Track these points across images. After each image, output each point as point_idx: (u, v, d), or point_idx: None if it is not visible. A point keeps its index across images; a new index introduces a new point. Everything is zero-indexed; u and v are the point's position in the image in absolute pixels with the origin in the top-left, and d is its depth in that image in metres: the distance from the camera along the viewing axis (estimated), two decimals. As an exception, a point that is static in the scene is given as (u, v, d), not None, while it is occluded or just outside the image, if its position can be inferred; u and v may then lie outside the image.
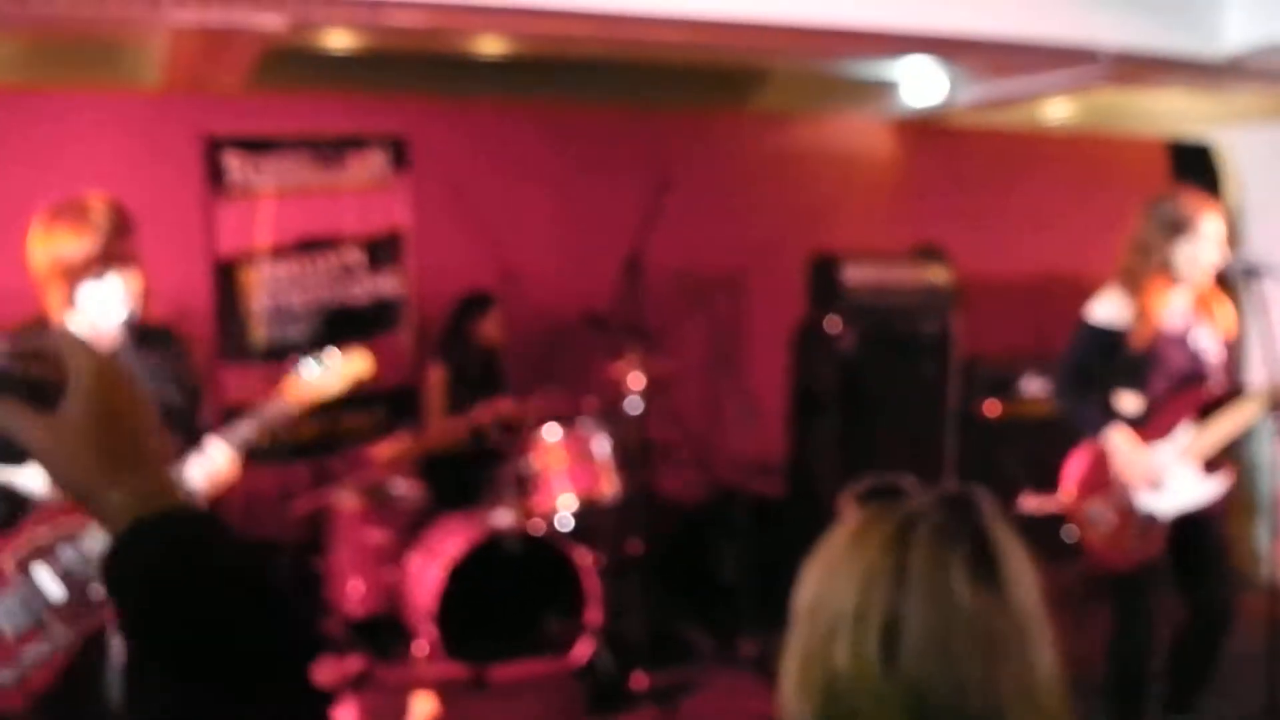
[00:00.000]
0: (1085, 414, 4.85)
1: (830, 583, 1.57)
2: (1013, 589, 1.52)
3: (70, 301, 3.68)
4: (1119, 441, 4.72)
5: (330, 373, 4.09)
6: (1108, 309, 4.82)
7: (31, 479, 3.53)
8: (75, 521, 3.54)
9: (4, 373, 1.28)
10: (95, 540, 3.50)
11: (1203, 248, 4.71)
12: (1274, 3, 5.90)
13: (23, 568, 3.53)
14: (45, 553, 3.55)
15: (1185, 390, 4.75)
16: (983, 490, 1.61)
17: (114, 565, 1.31)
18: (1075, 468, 4.91)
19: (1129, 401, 4.79)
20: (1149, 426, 4.74)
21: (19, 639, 3.49)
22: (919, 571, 1.51)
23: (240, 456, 3.86)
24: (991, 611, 1.50)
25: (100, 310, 3.69)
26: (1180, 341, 4.76)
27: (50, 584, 3.55)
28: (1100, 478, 4.80)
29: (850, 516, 1.63)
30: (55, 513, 3.57)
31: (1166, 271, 4.73)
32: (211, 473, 3.80)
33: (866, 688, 1.50)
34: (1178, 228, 4.71)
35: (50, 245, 3.67)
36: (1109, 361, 4.81)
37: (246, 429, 3.90)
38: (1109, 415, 4.79)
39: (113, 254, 3.66)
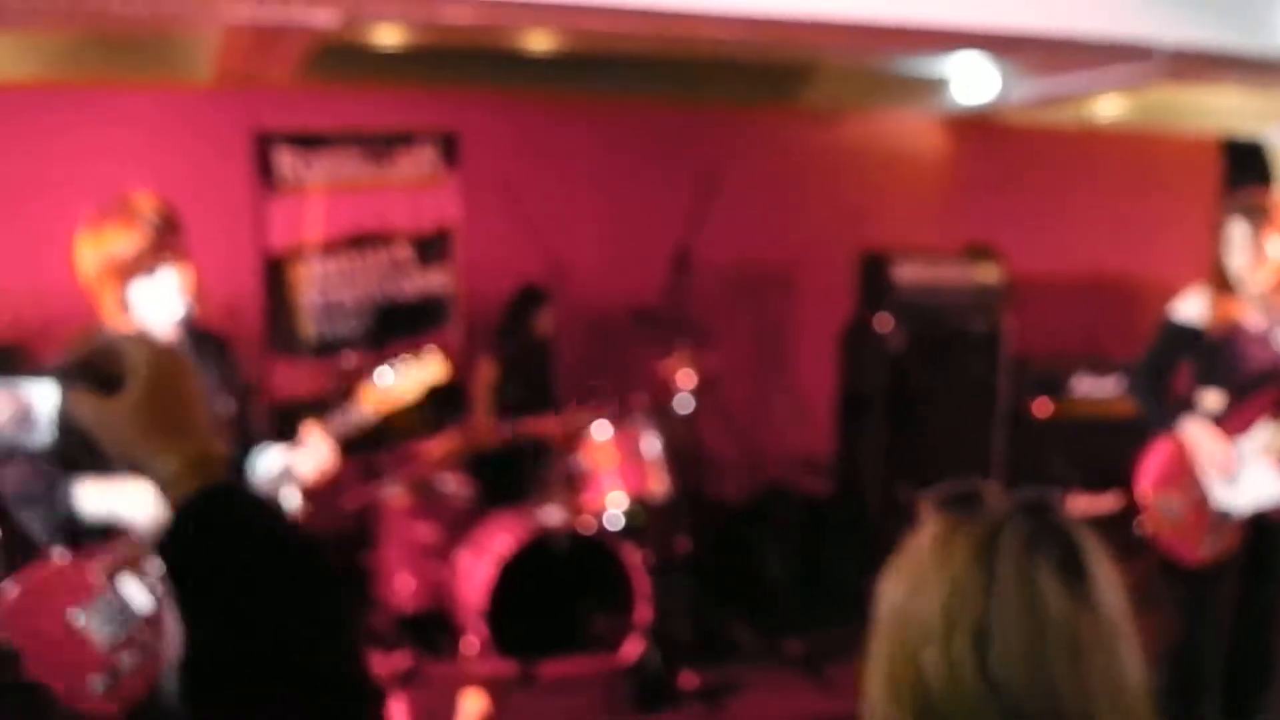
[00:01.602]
0: (1161, 408, 4.83)
1: (917, 591, 1.56)
2: (1100, 594, 1.52)
3: (123, 303, 3.67)
4: (1196, 431, 4.70)
5: (406, 377, 4.08)
6: (1189, 308, 4.83)
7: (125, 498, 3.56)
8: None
9: (72, 368, 1.44)
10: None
11: (1235, 251, 4.71)
12: (1332, -1, 5.84)
13: (111, 578, 3.57)
14: (132, 564, 3.57)
15: (1264, 388, 4.72)
16: (1057, 496, 1.60)
17: (170, 538, 1.39)
18: (1151, 461, 4.87)
19: (1211, 399, 4.76)
20: (1227, 423, 4.71)
21: (112, 648, 3.52)
22: (1008, 579, 1.50)
23: (340, 449, 3.87)
24: (1080, 617, 1.50)
25: (154, 308, 3.68)
26: (1261, 339, 4.74)
27: (138, 594, 3.58)
28: (1176, 471, 4.77)
29: (931, 523, 1.61)
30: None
31: (1246, 268, 4.73)
32: (319, 465, 3.83)
33: (960, 696, 1.49)
34: (1254, 219, 4.71)
35: (99, 245, 3.65)
36: (1189, 359, 4.82)
37: (342, 423, 3.92)
38: (1187, 409, 4.77)
39: (163, 249, 3.65)
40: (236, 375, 3.97)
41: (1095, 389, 7.64)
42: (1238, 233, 4.73)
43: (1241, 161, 8.50)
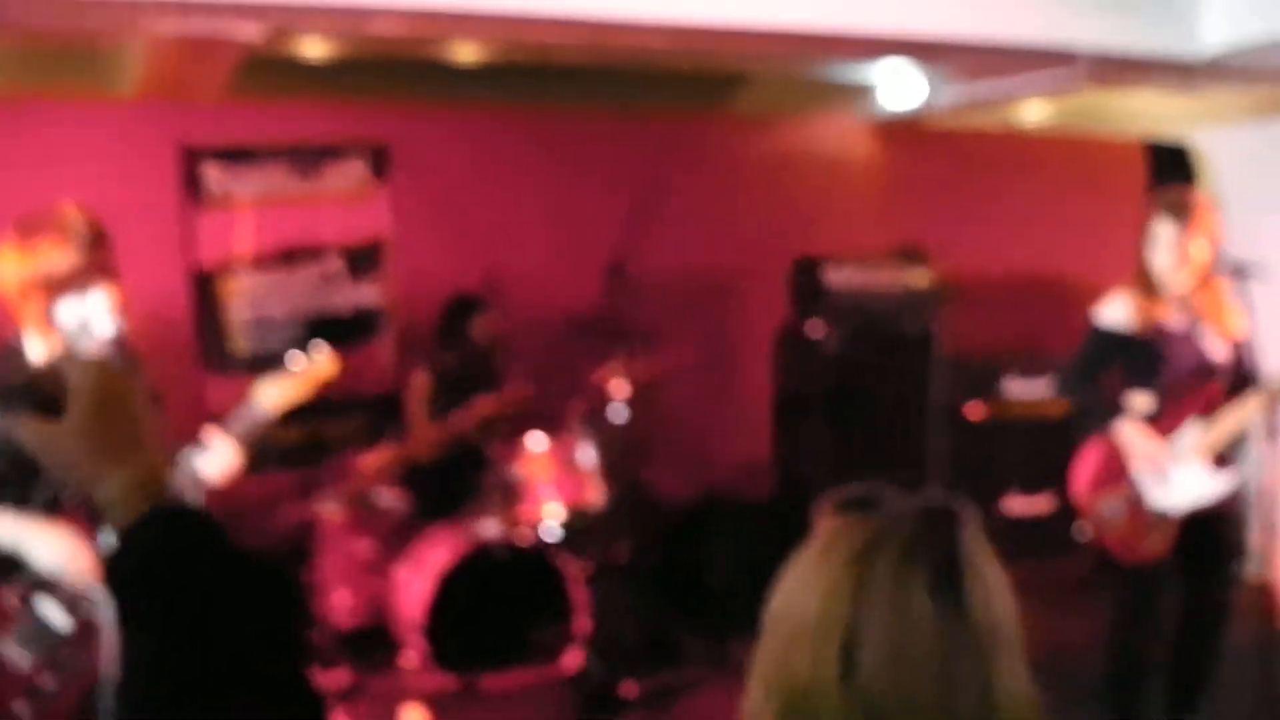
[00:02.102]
0: (1092, 410, 4.89)
1: (796, 593, 1.57)
2: (978, 604, 1.51)
3: (48, 319, 3.58)
4: (1128, 431, 4.75)
5: (299, 374, 4.08)
6: (1115, 311, 4.88)
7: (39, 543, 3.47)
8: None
9: (12, 390, 1.44)
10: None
11: (1160, 250, 4.77)
12: (1251, 3, 5.92)
13: (26, 601, 3.50)
14: (46, 585, 3.49)
15: (1191, 387, 4.78)
16: (962, 500, 1.60)
17: (118, 560, 1.39)
18: (1085, 463, 4.93)
19: (1140, 400, 4.82)
20: (1158, 423, 4.77)
21: (33, 671, 3.45)
22: (880, 585, 1.50)
23: (244, 451, 3.83)
24: (953, 627, 1.49)
25: (82, 326, 3.59)
26: (1185, 338, 4.80)
27: (56, 615, 3.50)
28: (1111, 472, 4.83)
29: (823, 527, 1.61)
30: None
31: (1168, 268, 4.78)
32: (222, 467, 3.77)
33: (824, 700, 1.49)
34: (1178, 216, 4.77)
35: (28, 260, 3.55)
36: (1117, 362, 4.87)
37: (242, 425, 3.87)
38: (1118, 411, 4.82)
39: (94, 267, 3.57)
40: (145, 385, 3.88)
41: (1028, 390, 7.71)
42: (1163, 232, 4.78)
43: (1166, 163, 8.61)
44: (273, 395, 4.00)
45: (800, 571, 1.59)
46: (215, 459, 3.78)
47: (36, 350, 3.61)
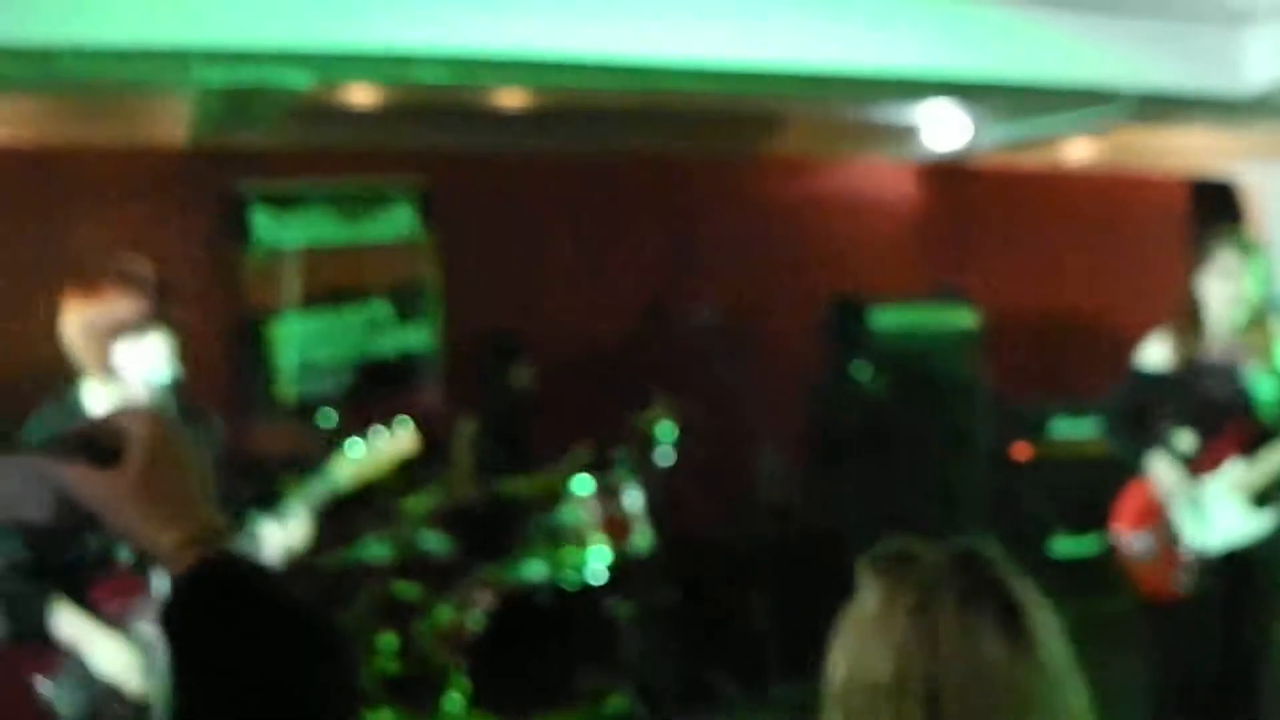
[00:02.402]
0: (1135, 452, 4.85)
1: (862, 657, 1.57)
2: (1040, 644, 1.53)
3: (107, 365, 3.57)
4: (1159, 467, 4.72)
5: (379, 450, 4.05)
6: (1156, 353, 4.86)
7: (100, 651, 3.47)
8: (126, 604, 3.53)
9: (71, 440, 1.44)
10: (146, 624, 3.46)
11: (1218, 279, 4.72)
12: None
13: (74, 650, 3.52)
14: None
15: (1231, 426, 4.73)
16: (991, 542, 1.61)
17: (172, 609, 1.40)
18: (1127, 501, 4.90)
19: (1183, 440, 4.78)
20: (1199, 462, 4.73)
21: (84, 716, 3.46)
22: (950, 638, 1.51)
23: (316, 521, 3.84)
24: (1023, 669, 1.51)
25: (140, 371, 3.59)
26: (1224, 376, 4.75)
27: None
28: (1150, 510, 4.79)
29: (869, 586, 1.62)
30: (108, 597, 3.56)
31: (1207, 305, 4.74)
32: (295, 539, 3.78)
33: None
34: (1199, 261, 4.74)
35: (90, 305, 3.55)
36: (1159, 403, 4.83)
37: (314, 495, 3.86)
38: (1159, 450, 4.79)
39: (154, 313, 3.57)
40: (218, 446, 3.90)
41: (1073, 430, 7.66)
42: (1232, 263, 4.73)
43: (1210, 200, 8.57)
44: (350, 469, 3.98)
45: (860, 635, 1.59)
46: (289, 531, 3.78)
47: (95, 399, 3.62)
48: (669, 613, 6.33)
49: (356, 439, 4.05)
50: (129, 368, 3.58)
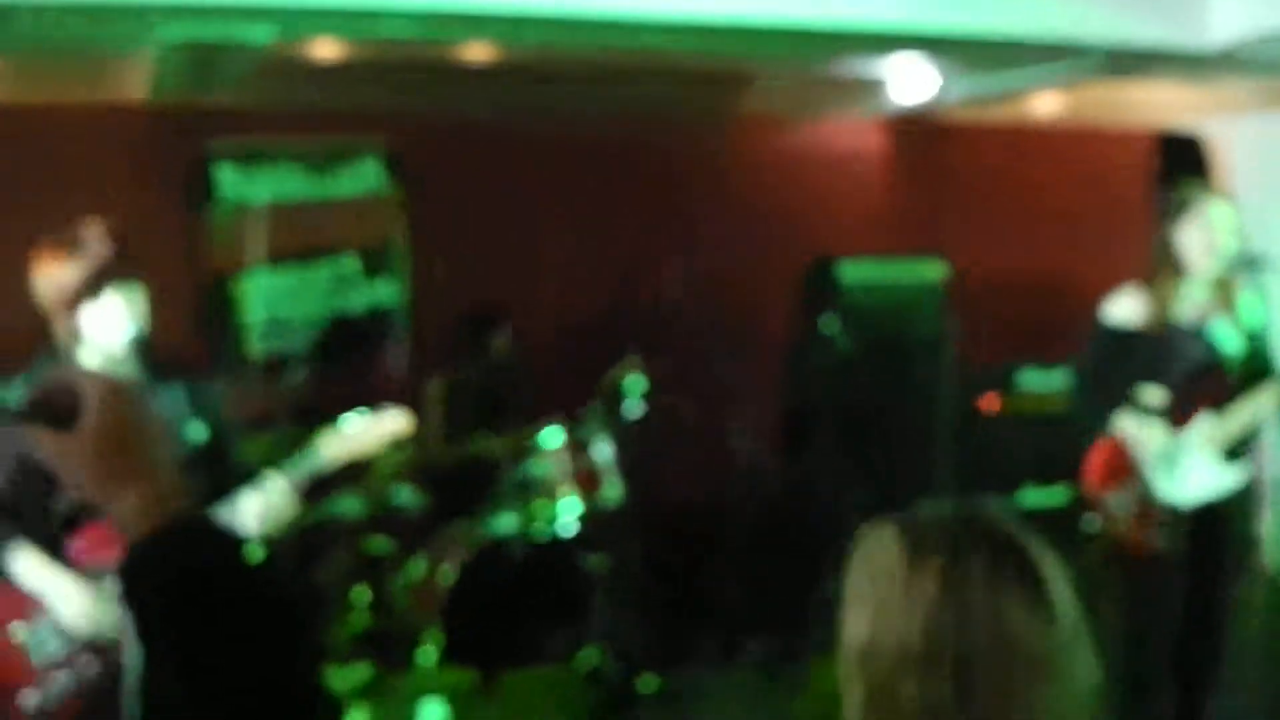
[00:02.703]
0: (1103, 411, 4.85)
1: (887, 622, 1.57)
2: (1059, 607, 1.55)
3: (75, 330, 3.67)
4: (1134, 425, 4.73)
5: (368, 431, 4.06)
6: (1124, 308, 4.84)
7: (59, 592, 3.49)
8: (105, 556, 3.55)
9: (31, 405, 1.46)
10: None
11: (1200, 232, 4.72)
12: (1261, -7, 5.92)
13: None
14: None
15: (1201, 381, 4.75)
16: (993, 500, 1.63)
17: (129, 570, 1.40)
18: (1096, 458, 4.90)
19: (1151, 395, 4.78)
20: (1169, 418, 4.74)
21: (48, 667, 3.51)
22: (978, 603, 1.52)
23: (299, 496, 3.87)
24: (1044, 634, 1.52)
25: (103, 332, 3.66)
26: (1195, 333, 4.76)
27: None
28: (1120, 468, 4.80)
29: (887, 547, 1.62)
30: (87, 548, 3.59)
31: (1179, 263, 4.73)
32: (277, 515, 3.80)
33: None
34: (1176, 212, 4.73)
35: (47, 275, 3.68)
36: (1127, 359, 4.82)
37: (298, 474, 3.88)
38: (1128, 406, 4.79)
39: (107, 272, 3.65)
40: (207, 402, 3.94)
41: (1041, 383, 7.69)
42: (1210, 214, 4.73)
43: (1178, 155, 8.58)
44: (335, 448, 3.99)
45: (883, 601, 1.59)
46: (271, 507, 3.79)
47: (87, 357, 3.69)
48: (641, 567, 6.36)
49: (347, 416, 4.05)
50: (94, 328, 3.65)
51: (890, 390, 7.25)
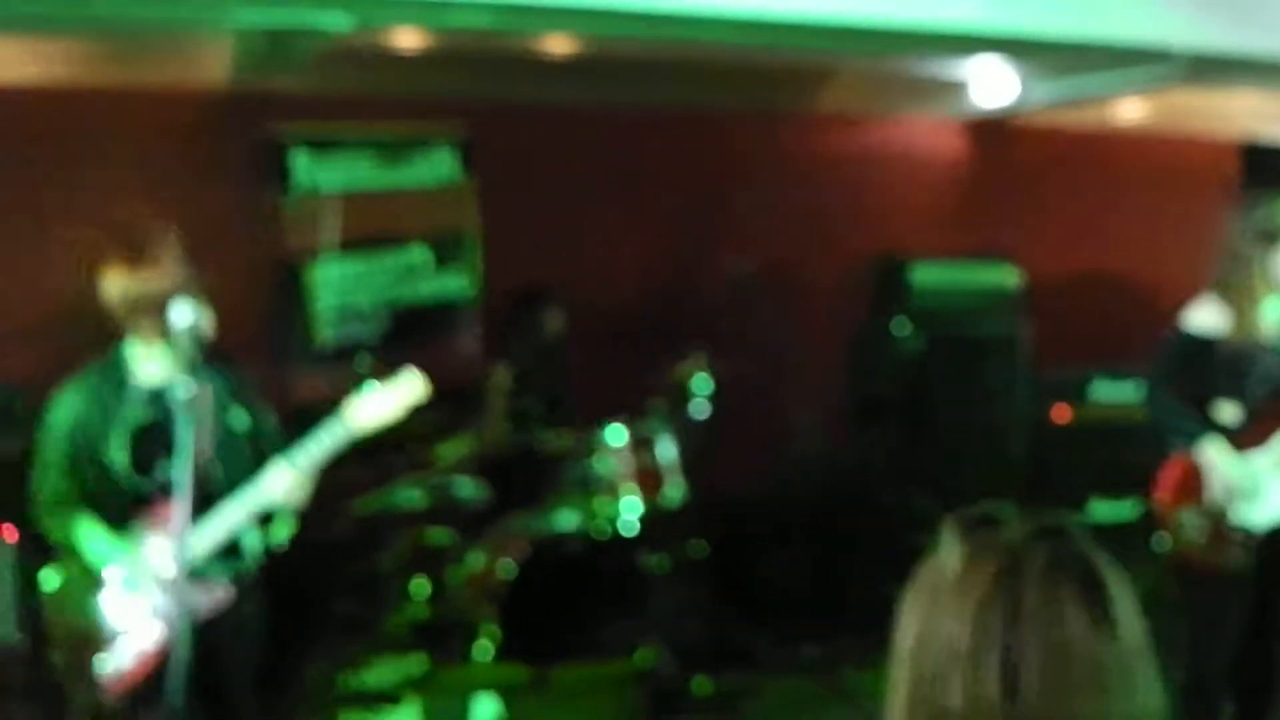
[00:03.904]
0: (1179, 424, 4.76)
1: (938, 618, 1.54)
2: (1121, 622, 1.51)
3: (143, 331, 3.90)
4: (1212, 453, 4.63)
5: (386, 398, 4.11)
6: (1203, 318, 4.74)
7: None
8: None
9: None
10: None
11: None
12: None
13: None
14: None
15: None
16: (1074, 519, 1.59)
17: None
18: (1169, 475, 4.81)
19: (1227, 411, 4.69)
20: (1245, 435, 4.65)
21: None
22: (1033, 608, 1.49)
23: (308, 478, 3.98)
24: (1103, 645, 1.49)
25: (171, 339, 3.79)
26: (1275, 348, 4.66)
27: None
28: (1194, 486, 4.71)
29: (951, 549, 1.59)
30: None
31: (1263, 279, 4.63)
32: (287, 494, 3.94)
33: None
34: (1271, 236, 4.62)
35: (127, 278, 3.87)
36: (1204, 371, 4.73)
37: (312, 452, 3.98)
38: (1204, 425, 4.70)
39: (180, 287, 3.81)
40: (245, 390, 4.13)
41: (1114, 394, 7.59)
42: (1250, 245, 4.64)
43: (1261, 164, 8.46)
44: (360, 415, 4.05)
45: (936, 597, 1.57)
46: (301, 477, 3.94)
47: (134, 361, 3.98)
48: (701, 567, 6.33)
49: (368, 385, 4.15)
50: (162, 333, 3.83)
51: (957, 394, 7.18)
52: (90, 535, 3.87)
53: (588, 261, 7.30)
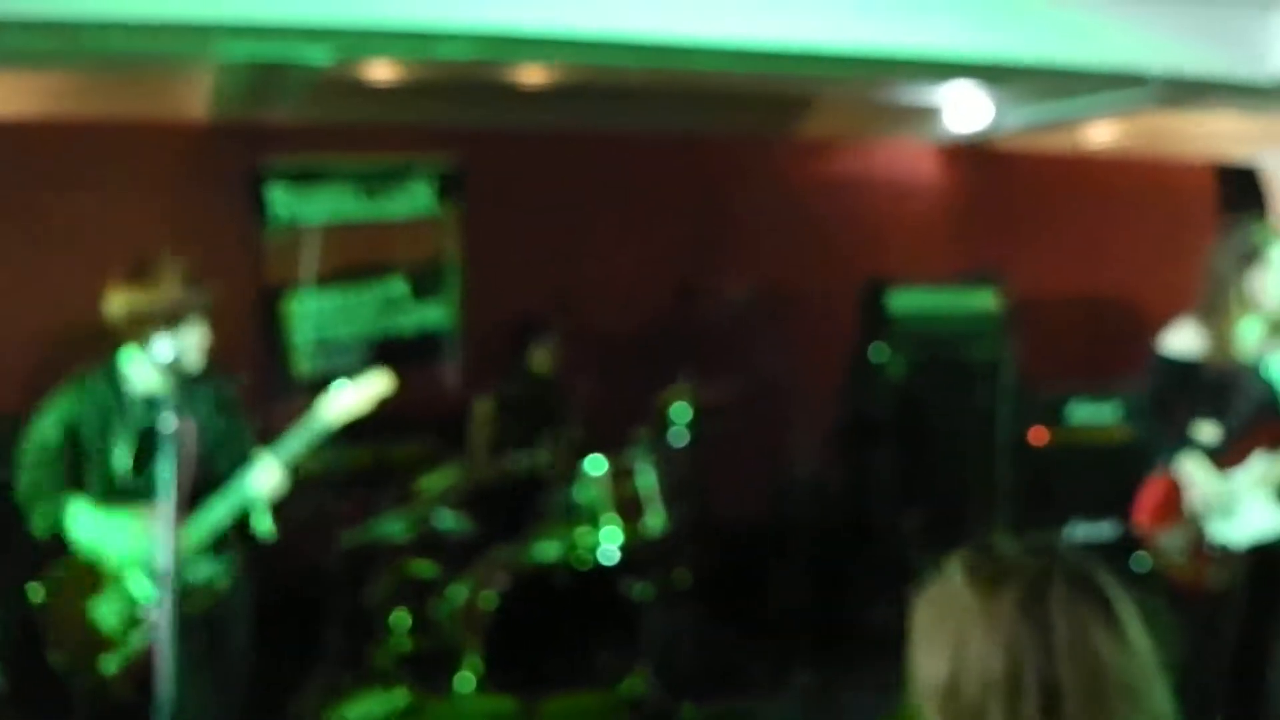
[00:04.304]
0: (1160, 443, 4.80)
1: (967, 654, 1.55)
2: (1134, 635, 1.54)
3: (146, 346, 3.99)
4: (1191, 468, 4.67)
5: (354, 393, 4.31)
6: (1182, 340, 4.79)
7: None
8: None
9: None
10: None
11: (1274, 275, 4.66)
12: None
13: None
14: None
15: (1261, 420, 4.68)
16: (1062, 537, 1.61)
17: None
18: (1149, 496, 4.85)
19: (1206, 431, 4.73)
20: (1225, 456, 4.69)
21: (124, 630, 4.02)
22: (1063, 632, 1.51)
23: (288, 472, 4.18)
24: (1130, 663, 1.52)
25: (168, 359, 3.90)
26: (1254, 371, 4.70)
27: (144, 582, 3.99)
28: (1174, 506, 4.74)
29: (957, 583, 1.60)
30: None
31: (1240, 301, 4.67)
32: (265, 485, 4.13)
33: None
34: (1249, 258, 4.66)
35: (136, 294, 4.00)
36: (1184, 392, 4.77)
37: (290, 446, 4.20)
38: (1184, 444, 4.73)
39: (185, 308, 4.02)
40: (227, 400, 4.31)
41: (1094, 416, 7.61)
42: (1230, 268, 4.69)
43: (1236, 186, 8.51)
44: (332, 410, 4.27)
45: (958, 635, 1.57)
46: (260, 479, 4.13)
47: (133, 374, 4.11)
48: (686, 595, 6.32)
49: (337, 382, 4.36)
50: (163, 354, 3.94)
51: (943, 418, 7.20)
52: (81, 514, 4.00)
53: (572, 291, 7.30)
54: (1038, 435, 7.60)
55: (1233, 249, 4.72)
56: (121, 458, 4.03)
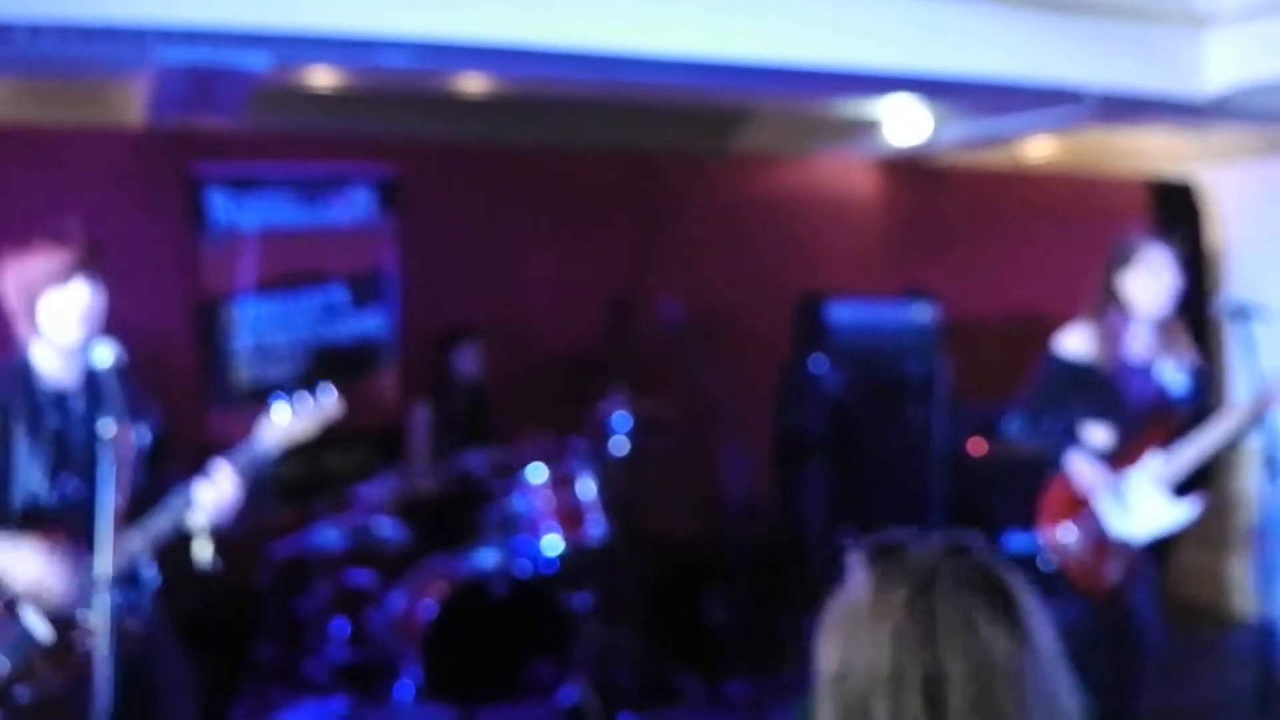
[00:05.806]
0: (1051, 445, 4.89)
1: (856, 646, 1.56)
2: (1034, 631, 1.54)
3: (35, 322, 3.73)
4: (1080, 466, 4.75)
5: (303, 414, 4.08)
6: (1073, 342, 4.91)
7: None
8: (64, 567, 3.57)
9: None
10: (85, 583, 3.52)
11: (1146, 277, 4.78)
12: (1254, 44, 5.95)
13: (10, 608, 3.54)
14: (36, 596, 3.60)
15: (1150, 421, 4.79)
16: (976, 534, 1.62)
17: None
18: (1048, 497, 4.94)
19: (1098, 434, 4.83)
20: (1118, 458, 4.78)
21: (8, 679, 3.54)
22: (949, 625, 1.51)
23: (233, 491, 3.89)
24: (1019, 656, 1.52)
25: (62, 322, 3.71)
26: (1144, 373, 4.82)
27: (38, 624, 3.59)
28: (1071, 504, 4.83)
29: (858, 576, 1.61)
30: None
31: (1122, 303, 4.79)
32: (218, 498, 3.84)
33: None
34: (1123, 259, 4.79)
35: (20, 262, 3.75)
36: (1074, 393, 4.86)
37: (244, 459, 3.93)
38: (1074, 443, 4.83)
39: (77, 264, 3.73)
40: (141, 402, 3.97)
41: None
42: (1158, 261, 4.80)
43: (1170, 202, 8.61)
44: (277, 432, 4.03)
45: (852, 625, 1.59)
46: (215, 492, 3.84)
47: (40, 362, 3.80)
48: (624, 605, 6.33)
49: (281, 403, 4.08)
50: (50, 320, 3.71)
51: (877, 431, 7.23)
52: None
53: (509, 300, 7.30)
54: (976, 446, 7.64)
55: (1112, 254, 4.85)
56: (33, 463, 3.69)
